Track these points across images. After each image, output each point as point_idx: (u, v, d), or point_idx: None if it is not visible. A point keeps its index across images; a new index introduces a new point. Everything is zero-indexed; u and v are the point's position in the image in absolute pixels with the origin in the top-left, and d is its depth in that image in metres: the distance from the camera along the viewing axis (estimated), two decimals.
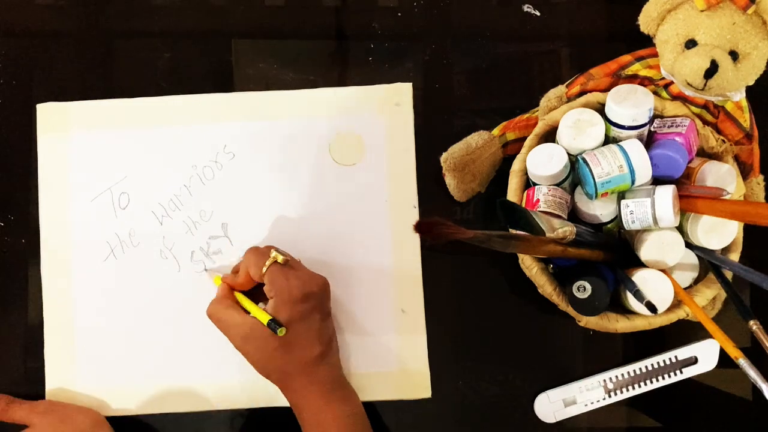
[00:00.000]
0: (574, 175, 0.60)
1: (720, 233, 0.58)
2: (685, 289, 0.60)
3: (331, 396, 0.59)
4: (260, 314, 0.58)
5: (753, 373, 0.53)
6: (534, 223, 0.53)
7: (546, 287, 0.60)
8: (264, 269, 0.59)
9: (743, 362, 0.53)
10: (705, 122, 0.61)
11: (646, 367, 0.65)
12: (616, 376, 0.65)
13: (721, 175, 0.58)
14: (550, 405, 0.65)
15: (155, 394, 0.65)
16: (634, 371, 0.65)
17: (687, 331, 0.65)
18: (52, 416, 0.62)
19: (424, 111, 0.67)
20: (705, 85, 0.56)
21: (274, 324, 0.57)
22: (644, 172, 0.56)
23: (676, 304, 0.59)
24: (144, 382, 0.65)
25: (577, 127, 0.59)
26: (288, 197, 0.66)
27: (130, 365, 0.65)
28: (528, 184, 0.62)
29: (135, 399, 0.65)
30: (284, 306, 0.58)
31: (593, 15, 0.69)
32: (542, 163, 0.59)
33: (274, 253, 0.59)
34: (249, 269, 0.60)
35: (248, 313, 0.60)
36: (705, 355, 0.65)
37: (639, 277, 0.58)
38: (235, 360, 0.65)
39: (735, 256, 0.60)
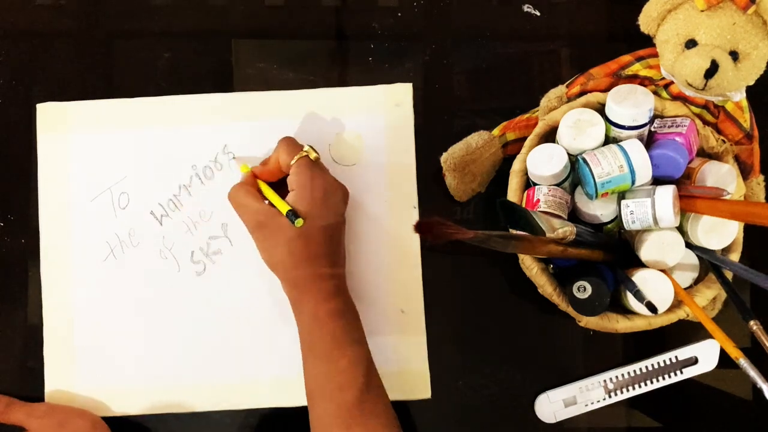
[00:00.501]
0: (575, 175, 0.60)
1: (720, 233, 0.58)
2: (685, 289, 0.60)
3: (331, 294, 0.58)
4: (281, 204, 0.59)
5: (753, 373, 0.53)
6: (534, 223, 0.53)
7: (546, 287, 0.60)
8: (293, 160, 0.59)
9: (743, 362, 0.53)
10: (705, 122, 0.61)
11: (647, 367, 0.65)
12: (617, 377, 0.65)
13: (722, 175, 0.58)
14: (551, 405, 0.65)
15: (155, 395, 0.65)
16: (635, 371, 0.65)
17: (687, 332, 0.65)
18: (51, 420, 0.62)
19: (424, 111, 0.67)
20: (705, 85, 0.56)
21: (292, 215, 0.57)
22: (644, 172, 0.56)
23: (677, 304, 0.59)
24: (144, 383, 0.65)
25: (578, 127, 0.59)
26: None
27: (129, 365, 0.65)
28: (528, 184, 0.62)
29: (135, 399, 0.65)
30: (303, 200, 0.58)
31: (593, 15, 0.69)
32: (542, 163, 0.59)
33: (307, 148, 0.60)
34: (279, 157, 0.61)
35: (268, 202, 0.60)
36: (705, 356, 0.65)
37: (639, 277, 0.58)
38: (234, 360, 0.65)
39: (735, 256, 0.60)
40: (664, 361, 0.65)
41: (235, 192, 0.61)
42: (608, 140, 0.60)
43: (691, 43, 0.57)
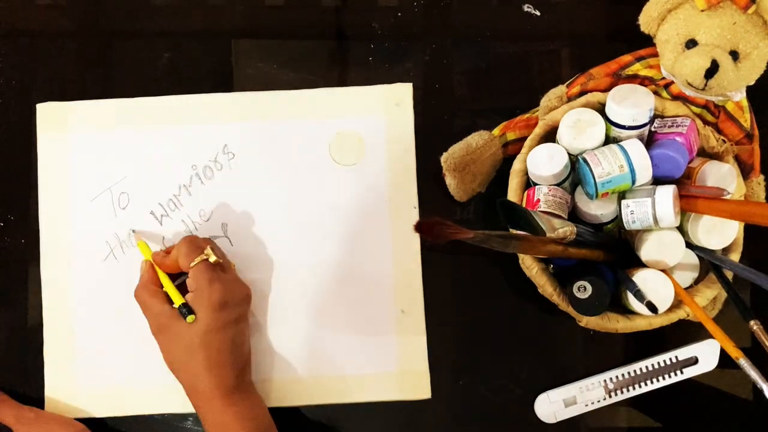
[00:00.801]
0: (575, 175, 0.60)
1: (720, 233, 0.58)
2: (685, 289, 0.60)
3: (235, 399, 0.58)
4: (176, 296, 0.59)
5: (753, 373, 0.53)
6: (534, 223, 0.53)
7: (546, 287, 0.60)
8: (192, 263, 0.59)
9: (743, 362, 0.53)
10: (705, 122, 0.61)
11: (647, 367, 0.65)
12: (617, 377, 0.65)
13: (722, 175, 0.58)
14: (551, 405, 0.65)
15: (154, 395, 0.65)
16: (635, 371, 0.65)
17: (687, 332, 0.65)
18: (38, 428, 0.61)
19: (424, 111, 0.67)
20: (705, 84, 0.56)
21: (184, 310, 0.57)
22: (645, 172, 0.56)
23: (677, 304, 0.59)
24: (143, 383, 0.65)
25: (578, 126, 0.59)
26: (288, 197, 0.66)
27: (129, 365, 0.65)
28: (528, 183, 0.62)
29: (134, 399, 0.65)
30: (201, 305, 0.58)
31: (593, 15, 0.69)
32: (543, 163, 0.59)
33: (208, 250, 0.59)
34: (179, 258, 0.60)
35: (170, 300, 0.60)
36: (705, 356, 0.65)
37: (639, 277, 0.58)
38: None
39: (735, 256, 0.60)
40: (665, 361, 0.65)
41: (140, 292, 0.61)
42: (608, 140, 0.60)
43: (691, 43, 0.57)
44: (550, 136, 0.62)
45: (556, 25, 0.68)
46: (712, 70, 0.55)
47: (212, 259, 0.59)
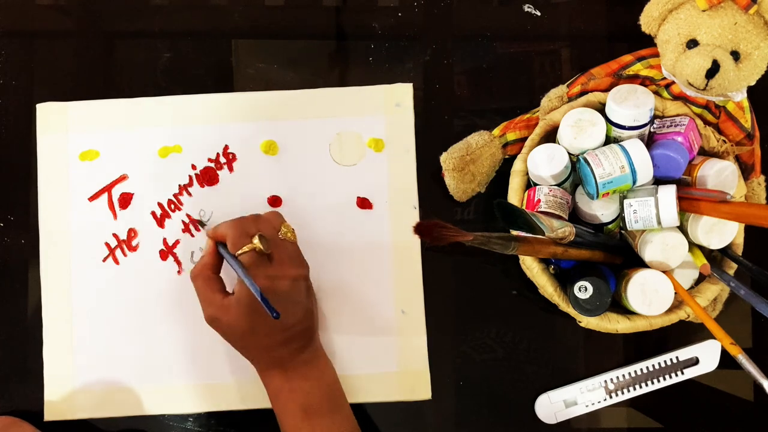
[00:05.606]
0: (575, 175, 0.60)
1: (720, 233, 0.58)
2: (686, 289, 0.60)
3: (293, 374, 0.58)
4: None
5: (753, 369, 0.52)
6: (532, 223, 0.53)
7: (547, 287, 0.60)
8: (239, 253, 0.57)
9: (742, 358, 0.53)
10: (706, 122, 0.61)
11: (648, 367, 0.65)
12: (618, 377, 0.65)
13: (723, 176, 0.58)
14: (551, 406, 0.65)
15: (154, 395, 0.65)
16: (636, 372, 0.65)
17: (688, 332, 0.65)
18: None
19: (424, 111, 0.67)
20: (706, 85, 0.56)
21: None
22: (646, 172, 0.56)
23: (677, 305, 0.59)
24: (143, 383, 0.65)
25: (578, 126, 0.59)
26: (288, 197, 0.66)
27: (129, 366, 0.65)
28: (529, 184, 0.61)
29: (134, 400, 0.65)
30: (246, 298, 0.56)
31: (593, 15, 0.68)
32: (543, 163, 0.59)
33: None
34: (228, 243, 0.58)
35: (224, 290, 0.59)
36: (706, 356, 0.65)
37: (640, 277, 0.57)
38: (233, 361, 0.65)
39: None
40: (665, 362, 0.65)
41: (195, 275, 0.60)
42: (609, 140, 0.60)
43: (692, 43, 0.57)
44: (550, 136, 0.62)
45: (557, 25, 0.68)
46: (713, 70, 0.55)
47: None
